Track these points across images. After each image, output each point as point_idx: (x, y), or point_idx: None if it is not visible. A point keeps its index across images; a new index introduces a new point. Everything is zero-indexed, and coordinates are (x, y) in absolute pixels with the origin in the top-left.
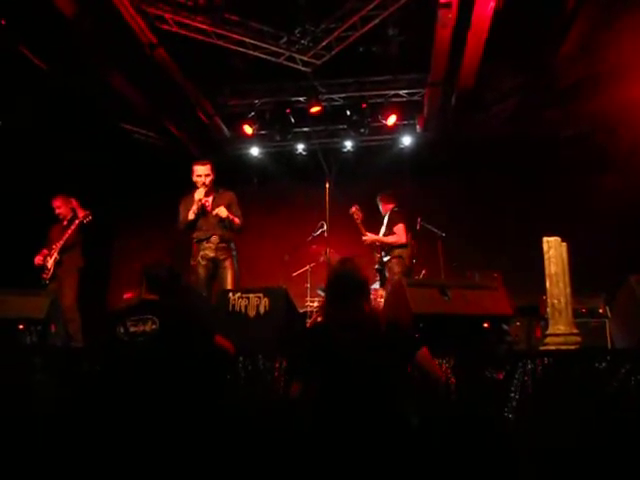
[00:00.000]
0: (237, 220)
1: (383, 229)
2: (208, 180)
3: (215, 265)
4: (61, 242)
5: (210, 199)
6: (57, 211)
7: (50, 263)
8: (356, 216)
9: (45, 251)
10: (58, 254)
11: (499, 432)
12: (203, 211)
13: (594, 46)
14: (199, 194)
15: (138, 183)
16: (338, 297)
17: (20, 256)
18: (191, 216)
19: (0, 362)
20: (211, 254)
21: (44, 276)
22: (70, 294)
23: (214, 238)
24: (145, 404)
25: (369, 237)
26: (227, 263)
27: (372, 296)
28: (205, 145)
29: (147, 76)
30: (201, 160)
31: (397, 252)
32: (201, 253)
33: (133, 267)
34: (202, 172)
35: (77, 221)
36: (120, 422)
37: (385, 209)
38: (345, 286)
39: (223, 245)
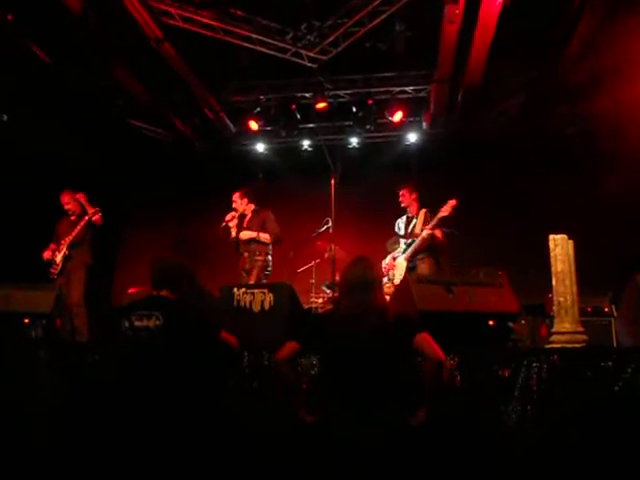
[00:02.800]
0: (267, 237)
1: (418, 226)
2: (235, 206)
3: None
4: (70, 237)
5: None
6: (66, 207)
7: (59, 258)
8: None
9: (53, 246)
10: (67, 249)
11: (502, 429)
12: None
13: (600, 44)
14: (228, 216)
15: (144, 178)
16: (351, 292)
17: (27, 251)
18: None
19: (6, 355)
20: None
21: (52, 271)
22: (78, 289)
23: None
24: (147, 399)
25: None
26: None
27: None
28: (210, 141)
29: (153, 71)
30: (235, 191)
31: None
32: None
33: (140, 262)
34: (233, 199)
35: (86, 217)
36: (122, 416)
37: (415, 204)
38: (358, 282)
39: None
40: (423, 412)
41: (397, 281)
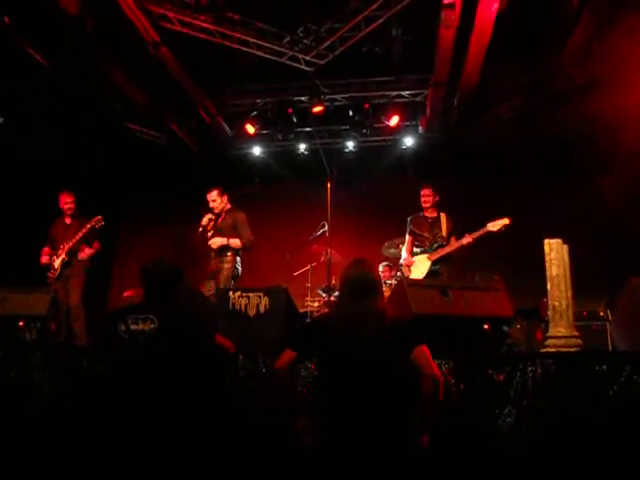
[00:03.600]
0: (237, 243)
1: (444, 230)
2: (214, 205)
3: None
4: (70, 244)
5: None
6: (67, 206)
7: (57, 263)
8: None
9: (48, 249)
10: (66, 255)
11: (497, 433)
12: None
13: (597, 48)
14: (204, 220)
15: (140, 182)
16: (350, 295)
17: (21, 254)
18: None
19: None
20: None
21: (50, 275)
22: (76, 293)
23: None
24: (142, 402)
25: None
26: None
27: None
28: (207, 144)
29: (150, 75)
30: (209, 188)
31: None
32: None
33: (137, 265)
34: (209, 199)
35: (88, 225)
36: (118, 420)
37: (435, 208)
38: (358, 285)
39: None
40: (426, 437)
41: (414, 276)
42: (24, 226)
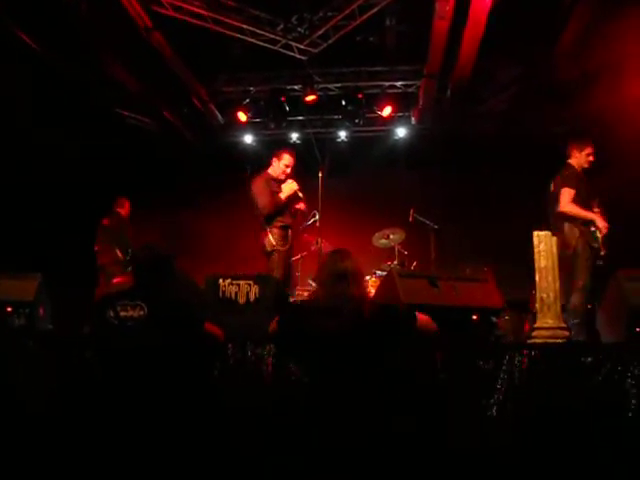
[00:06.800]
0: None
1: None
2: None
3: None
4: None
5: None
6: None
7: None
8: None
9: None
10: None
11: (484, 423)
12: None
13: (591, 41)
14: (293, 185)
15: (132, 169)
16: (325, 284)
17: (9, 240)
18: (281, 199)
19: None
20: (290, 241)
21: None
22: None
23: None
24: (132, 389)
25: None
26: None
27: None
28: (199, 131)
29: (142, 60)
30: (290, 150)
31: None
32: (288, 239)
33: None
34: (292, 162)
35: None
36: (106, 408)
37: None
38: (332, 274)
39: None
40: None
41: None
42: (11, 211)
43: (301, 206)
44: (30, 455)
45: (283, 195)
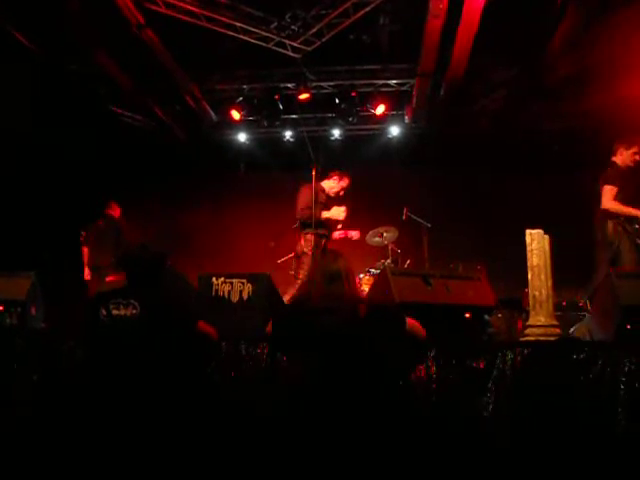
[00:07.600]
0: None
1: None
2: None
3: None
4: None
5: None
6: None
7: None
8: None
9: None
10: None
11: (477, 420)
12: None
13: (583, 41)
14: (342, 214)
15: (125, 167)
16: (321, 284)
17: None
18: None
19: None
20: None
21: None
22: None
23: None
24: (125, 388)
25: None
26: None
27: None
28: (192, 129)
29: (135, 58)
30: (350, 176)
31: None
32: (321, 247)
33: None
34: (348, 188)
35: None
36: (97, 407)
37: None
38: (328, 274)
39: None
40: None
41: None
42: (4, 210)
43: (354, 235)
44: (21, 456)
45: (327, 214)
